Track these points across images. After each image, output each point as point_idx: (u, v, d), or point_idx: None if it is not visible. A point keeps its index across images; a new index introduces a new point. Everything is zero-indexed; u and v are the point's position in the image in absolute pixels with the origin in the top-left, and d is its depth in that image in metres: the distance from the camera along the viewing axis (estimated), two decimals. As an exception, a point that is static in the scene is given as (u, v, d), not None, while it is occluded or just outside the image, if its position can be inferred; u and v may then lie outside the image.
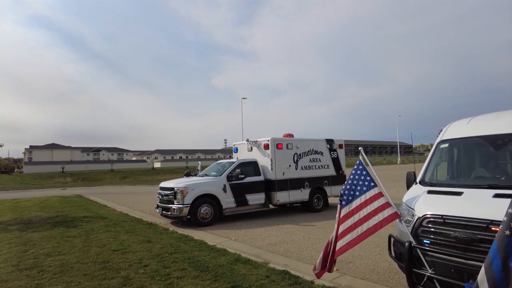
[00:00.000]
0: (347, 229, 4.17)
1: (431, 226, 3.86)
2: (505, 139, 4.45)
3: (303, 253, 6.58)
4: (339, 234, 4.21)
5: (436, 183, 4.65)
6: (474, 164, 4.92)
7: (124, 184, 34.10)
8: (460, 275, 3.51)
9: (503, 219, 3.03)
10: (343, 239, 4.15)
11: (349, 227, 4.16)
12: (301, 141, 12.21)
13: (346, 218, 4.22)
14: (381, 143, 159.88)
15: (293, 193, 11.59)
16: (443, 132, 5.37)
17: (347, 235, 4.15)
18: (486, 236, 3.35)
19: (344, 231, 4.14)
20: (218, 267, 5.58)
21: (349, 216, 4.21)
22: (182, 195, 9.60)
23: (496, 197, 3.63)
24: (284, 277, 5.02)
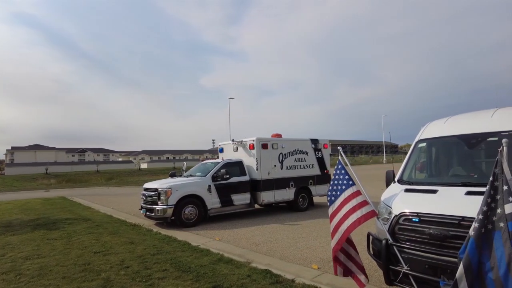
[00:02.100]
0: (334, 228, 4.29)
1: (407, 223, 3.94)
2: (478, 138, 4.58)
3: (286, 252, 6.62)
4: (331, 232, 4.36)
5: (413, 182, 4.75)
6: (451, 163, 5.04)
7: (109, 185, 33.62)
8: (434, 271, 3.60)
9: (479, 216, 3.13)
10: (334, 239, 4.28)
11: (335, 226, 4.28)
12: (286, 141, 12.27)
13: (332, 218, 4.35)
14: (368, 142, 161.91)
15: (279, 193, 11.64)
16: (421, 131, 5.49)
17: (335, 234, 4.26)
18: (458, 232, 3.45)
19: (333, 229, 4.27)
20: (200, 267, 5.57)
21: (334, 215, 4.33)
22: (166, 196, 9.53)
23: (468, 195, 3.73)
24: (266, 276, 5.05)
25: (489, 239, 3.03)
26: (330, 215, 4.37)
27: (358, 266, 4.33)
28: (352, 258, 4.36)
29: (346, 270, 4.38)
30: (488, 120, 4.76)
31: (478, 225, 3.07)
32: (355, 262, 4.34)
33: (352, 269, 4.34)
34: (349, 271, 4.37)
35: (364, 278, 4.26)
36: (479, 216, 3.10)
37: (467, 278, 2.99)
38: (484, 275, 3.01)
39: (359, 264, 4.34)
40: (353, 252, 4.38)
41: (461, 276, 3.02)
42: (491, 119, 4.75)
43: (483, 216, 3.08)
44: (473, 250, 3.01)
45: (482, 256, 3.03)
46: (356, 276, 4.31)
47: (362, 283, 4.26)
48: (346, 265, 4.36)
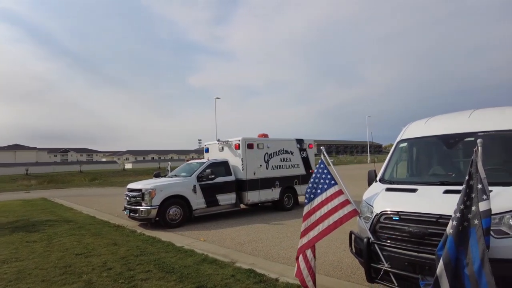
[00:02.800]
0: (310, 226, 4.27)
1: (388, 222, 4.02)
2: (456, 139, 4.71)
3: (270, 252, 6.65)
4: (302, 231, 4.30)
5: (394, 181, 4.85)
6: (430, 162, 5.17)
7: (93, 186, 32.99)
8: (413, 268, 3.68)
9: (456, 214, 3.22)
10: (306, 236, 4.25)
11: (312, 224, 4.26)
12: (272, 141, 12.32)
13: (309, 215, 4.32)
14: (353, 143, 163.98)
15: (264, 193, 11.67)
16: (402, 131, 5.60)
17: (310, 232, 4.25)
18: (436, 230, 3.54)
19: (307, 228, 4.24)
20: (184, 268, 5.53)
21: (312, 213, 4.31)
22: (150, 196, 9.43)
23: (445, 193, 3.84)
24: (250, 275, 5.06)
25: (466, 236, 3.13)
26: (306, 213, 4.29)
27: (310, 271, 4.18)
28: (308, 261, 4.22)
29: (298, 272, 4.24)
30: (465, 121, 4.90)
31: (456, 223, 3.17)
32: (309, 266, 4.20)
33: (303, 272, 4.19)
34: (300, 274, 4.22)
35: (311, 285, 4.14)
36: (457, 214, 3.20)
37: (447, 275, 3.08)
38: (461, 271, 3.10)
39: (312, 270, 4.19)
40: (310, 255, 4.25)
41: (441, 272, 3.10)
42: (469, 120, 4.90)
43: (460, 214, 3.18)
44: (452, 247, 3.10)
45: (459, 253, 3.13)
46: (305, 281, 4.17)
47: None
48: (300, 266, 4.24)
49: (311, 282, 4.19)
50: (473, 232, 3.13)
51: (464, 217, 3.18)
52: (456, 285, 3.09)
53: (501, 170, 4.26)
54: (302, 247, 4.21)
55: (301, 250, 4.25)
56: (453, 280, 3.09)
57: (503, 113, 4.87)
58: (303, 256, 4.23)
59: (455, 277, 3.11)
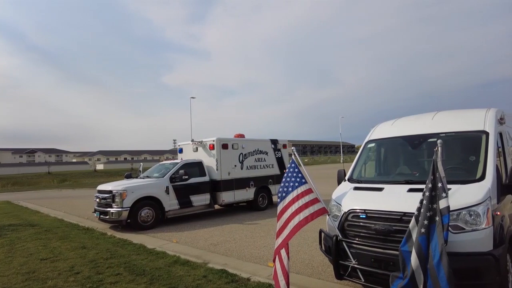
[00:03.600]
0: (283, 224, 4.31)
1: (355, 220, 4.14)
2: (420, 139, 4.92)
3: (243, 252, 6.67)
4: (277, 231, 4.34)
5: (362, 180, 5.01)
6: (397, 162, 5.37)
7: (62, 188, 31.76)
8: (379, 264, 3.81)
9: (421, 211, 3.37)
10: (281, 235, 4.30)
11: (285, 222, 4.31)
12: (246, 141, 12.35)
13: (281, 214, 4.37)
14: (327, 143, 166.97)
15: (239, 193, 11.68)
16: (370, 132, 5.79)
17: (284, 231, 4.30)
18: (400, 227, 3.68)
19: (281, 227, 4.29)
20: (155, 270, 5.45)
21: (284, 211, 4.36)
22: (121, 198, 9.20)
23: (409, 192, 4.01)
24: (222, 276, 5.06)
25: (430, 231, 3.29)
26: (279, 211, 4.35)
27: (284, 272, 4.15)
28: (282, 261, 4.21)
29: (274, 274, 4.22)
30: (429, 122, 5.14)
31: (421, 219, 3.33)
32: (283, 266, 4.17)
33: (277, 272, 4.18)
34: (275, 275, 4.21)
35: (284, 285, 4.11)
36: (422, 211, 3.36)
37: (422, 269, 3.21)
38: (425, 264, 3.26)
39: (285, 270, 4.16)
40: (284, 255, 4.22)
41: (417, 267, 3.23)
42: (432, 121, 5.14)
43: (424, 211, 3.34)
44: (424, 242, 3.25)
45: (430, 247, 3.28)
46: (278, 281, 4.15)
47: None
48: (276, 266, 4.22)
49: (284, 281, 4.24)
50: (433, 228, 3.30)
51: (427, 214, 3.34)
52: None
53: (460, 169, 4.49)
54: (278, 247, 4.24)
55: (277, 250, 4.28)
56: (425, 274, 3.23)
57: (463, 115, 5.14)
58: (278, 257, 4.27)
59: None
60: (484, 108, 5.04)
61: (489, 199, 3.61)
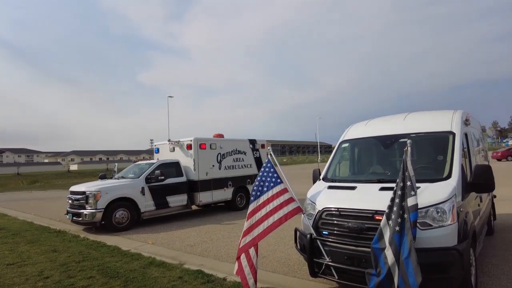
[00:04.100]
0: (254, 223, 4.34)
1: (329, 218, 4.23)
2: (392, 139, 5.08)
3: (220, 252, 6.65)
4: (245, 230, 4.34)
5: (336, 179, 5.12)
6: (370, 161, 5.52)
7: (32, 189, 30.53)
8: (352, 261, 3.91)
9: (393, 209, 3.48)
10: (250, 234, 4.31)
11: (257, 221, 4.34)
12: (224, 141, 12.32)
13: (253, 213, 4.39)
14: (305, 143, 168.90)
15: (216, 193, 11.63)
16: (345, 132, 5.92)
17: (254, 229, 4.32)
18: (372, 225, 3.79)
19: (251, 226, 4.31)
20: (129, 272, 5.35)
21: (257, 210, 4.40)
22: (94, 199, 8.96)
23: (381, 190, 4.13)
24: (197, 276, 5.03)
25: (401, 228, 3.40)
26: (251, 211, 4.35)
27: (252, 269, 4.24)
28: (250, 259, 4.27)
29: (239, 269, 4.28)
30: (400, 123, 5.32)
31: (395, 217, 3.43)
32: (251, 264, 4.25)
33: (245, 270, 4.23)
34: (241, 272, 4.25)
35: (252, 283, 4.19)
36: (394, 209, 3.47)
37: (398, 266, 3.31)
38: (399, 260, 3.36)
39: (253, 267, 4.25)
40: (253, 253, 4.29)
41: (392, 263, 3.33)
42: (403, 122, 5.32)
43: (396, 208, 3.45)
44: (398, 238, 3.35)
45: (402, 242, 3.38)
46: (246, 279, 4.21)
47: (249, 286, 4.20)
48: (242, 264, 4.27)
49: (252, 279, 4.27)
50: (403, 225, 3.42)
51: (398, 211, 3.45)
52: None
53: (429, 168, 4.66)
54: (246, 245, 4.26)
55: (244, 248, 4.29)
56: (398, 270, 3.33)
57: (432, 116, 5.35)
58: (245, 255, 4.28)
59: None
60: (451, 110, 5.26)
61: (454, 197, 3.78)
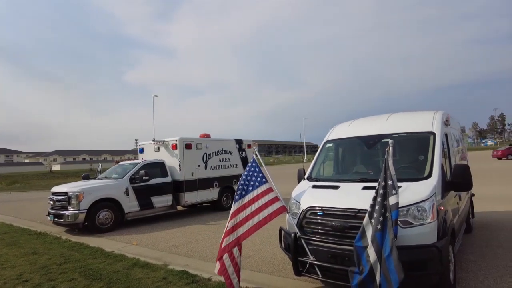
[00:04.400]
0: (238, 223, 4.33)
1: (313, 217, 4.27)
2: (375, 139, 5.17)
3: (205, 252, 6.63)
4: (228, 229, 4.31)
5: (321, 179, 5.17)
6: (353, 161, 5.60)
7: (11, 190, 29.71)
8: (335, 260, 3.95)
9: (376, 207, 3.54)
10: (234, 233, 4.30)
11: (241, 220, 4.34)
12: (210, 141, 12.28)
13: (238, 212, 4.38)
14: (292, 143, 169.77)
15: (202, 193, 11.58)
16: (329, 133, 5.99)
17: (238, 229, 4.32)
18: (355, 223, 3.84)
19: (235, 225, 4.30)
20: (112, 274, 5.28)
21: (241, 210, 4.39)
22: (77, 200, 8.78)
23: (364, 189, 4.20)
24: (182, 277, 5.00)
25: (383, 227, 3.46)
26: (235, 210, 4.34)
27: (236, 269, 4.25)
28: (234, 259, 4.27)
29: (222, 269, 4.26)
30: (383, 123, 5.42)
31: (377, 215, 3.49)
32: (235, 263, 4.26)
33: (228, 269, 4.23)
34: (224, 271, 4.25)
35: (236, 282, 4.21)
36: (376, 207, 3.53)
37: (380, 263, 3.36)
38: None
39: (237, 267, 4.26)
40: (237, 253, 4.29)
41: (375, 261, 3.38)
42: (386, 122, 5.42)
43: (378, 207, 3.51)
44: (380, 237, 3.41)
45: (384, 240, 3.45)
46: (230, 278, 4.22)
47: (233, 286, 4.22)
48: (225, 263, 4.26)
49: (236, 279, 4.28)
50: (385, 223, 3.49)
51: (380, 210, 3.51)
52: None
53: (411, 167, 4.76)
54: (229, 245, 4.24)
55: (227, 248, 4.27)
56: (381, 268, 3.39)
57: (413, 117, 5.47)
58: (228, 254, 4.28)
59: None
60: (432, 111, 5.39)
61: (434, 196, 3.87)
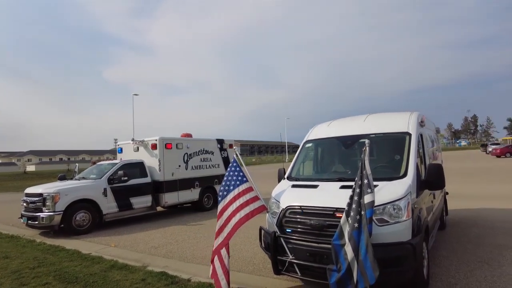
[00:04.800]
0: (224, 223, 4.34)
1: (292, 216, 4.32)
2: (353, 140, 5.28)
3: (185, 253, 6.58)
4: (216, 231, 4.34)
5: (300, 178, 5.24)
6: (332, 161, 5.70)
7: (-18, 193, 28.41)
8: (314, 258, 4.01)
9: (352, 206, 3.61)
10: (221, 234, 4.31)
11: (225, 220, 4.35)
12: (191, 141, 12.18)
13: (222, 213, 4.40)
14: (274, 143, 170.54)
15: (183, 194, 11.47)
16: (309, 133, 6.08)
17: (224, 229, 4.33)
18: (332, 222, 3.92)
19: (221, 226, 4.31)
20: (89, 276, 5.16)
21: (225, 209, 4.41)
22: (53, 201, 8.53)
23: (341, 188, 4.28)
24: (161, 278, 4.95)
25: (359, 225, 3.54)
26: (220, 210, 4.38)
27: (224, 270, 4.24)
28: (222, 260, 4.26)
29: (214, 272, 4.28)
30: (361, 124, 5.54)
31: (353, 214, 3.57)
32: (223, 265, 4.25)
33: (217, 271, 4.24)
34: (214, 274, 4.26)
35: (225, 283, 4.19)
36: (353, 206, 3.60)
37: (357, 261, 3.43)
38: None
39: (225, 268, 4.25)
40: (224, 253, 4.29)
41: (352, 259, 3.45)
42: (364, 123, 5.55)
43: (355, 206, 3.59)
44: (357, 235, 3.48)
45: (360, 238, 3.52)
46: (218, 280, 4.22)
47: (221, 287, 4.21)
48: (215, 266, 4.27)
49: (225, 280, 4.26)
50: (361, 221, 3.57)
51: (357, 208, 3.59)
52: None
53: (388, 167, 4.89)
54: (218, 246, 4.25)
55: (217, 250, 4.28)
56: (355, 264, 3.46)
57: (390, 118, 5.62)
58: (218, 256, 4.28)
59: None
60: (408, 112, 5.55)
61: (409, 194, 4.00)
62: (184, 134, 12.62)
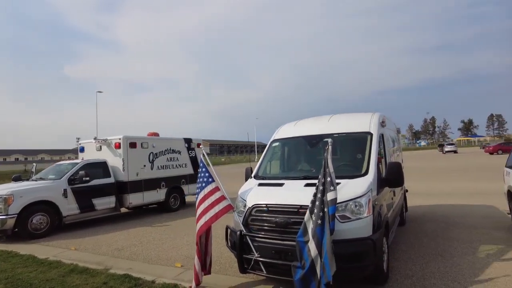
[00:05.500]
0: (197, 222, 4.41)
1: (258, 214, 4.35)
2: (318, 139, 5.41)
3: (150, 254, 6.42)
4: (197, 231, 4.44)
5: (267, 177, 5.29)
6: (298, 159, 5.80)
7: None
8: (279, 255, 4.06)
9: (316, 203, 3.68)
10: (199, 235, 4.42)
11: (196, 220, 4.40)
12: (157, 140, 11.91)
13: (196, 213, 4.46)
14: (243, 142, 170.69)
15: (148, 194, 11.19)
16: (276, 132, 6.15)
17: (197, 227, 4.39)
18: (297, 219, 3.98)
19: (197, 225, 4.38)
20: (45, 283, 4.90)
21: (196, 210, 4.46)
22: (5, 204, 8.00)
23: (306, 186, 4.37)
24: (124, 281, 4.80)
25: (322, 222, 3.63)
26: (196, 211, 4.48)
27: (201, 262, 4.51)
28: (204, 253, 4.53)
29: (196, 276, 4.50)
30: (325, 124, 5.69)
31: (317, 211, 3.64)
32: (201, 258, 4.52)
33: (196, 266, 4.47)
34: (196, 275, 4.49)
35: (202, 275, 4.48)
36: (316, 203, 3.68)
37: (320, 258, 3.50)
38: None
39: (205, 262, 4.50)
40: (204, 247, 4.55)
41: (315, 255, 3.51)
42: (328, 123, 5.70)
43: (318, 203, 3.67)
44: (320, 231, 3.55)
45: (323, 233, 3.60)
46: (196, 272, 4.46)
47: (198, 280, 4.46)
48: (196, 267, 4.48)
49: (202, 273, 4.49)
50: (324, 218, 3.66)
51: (321, 206, 3.68)
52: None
53: (350, 165, 5.05)
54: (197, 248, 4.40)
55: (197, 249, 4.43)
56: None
57: (353, 118, 5.82)
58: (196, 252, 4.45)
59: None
60: (370, 113, 5.77)
61: (370, 191, 4.15)
62: (151, 133, 12.36)
